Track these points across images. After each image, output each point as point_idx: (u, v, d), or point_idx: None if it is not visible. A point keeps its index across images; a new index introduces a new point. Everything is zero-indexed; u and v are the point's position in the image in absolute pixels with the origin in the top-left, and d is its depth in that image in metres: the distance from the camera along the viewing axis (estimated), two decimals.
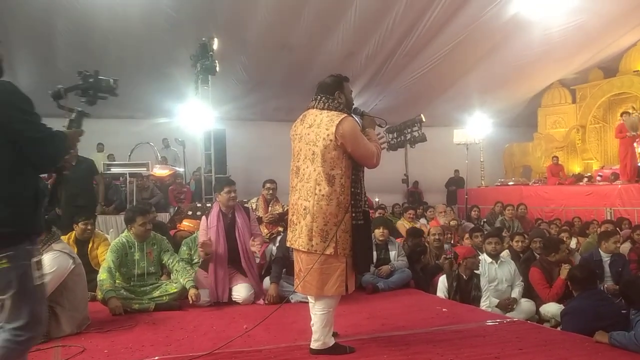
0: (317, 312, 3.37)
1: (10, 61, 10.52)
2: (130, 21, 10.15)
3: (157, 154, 13.24)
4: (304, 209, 3.31)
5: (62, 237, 4.88)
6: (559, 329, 4.77)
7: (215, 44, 9.40)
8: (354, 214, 3.29)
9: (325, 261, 3.28)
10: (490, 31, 12.35)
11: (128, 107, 12.88)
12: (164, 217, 9.44)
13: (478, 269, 5.40)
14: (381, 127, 3.77)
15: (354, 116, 3.48)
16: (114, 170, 10.08)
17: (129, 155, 12.40)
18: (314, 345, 3.38)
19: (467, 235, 7.01)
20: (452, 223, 8.49)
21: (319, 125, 3.30)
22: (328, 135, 3.24)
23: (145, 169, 10.10)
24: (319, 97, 3.44)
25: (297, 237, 3.36)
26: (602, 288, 5.32)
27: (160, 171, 11.72)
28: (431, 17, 11.47)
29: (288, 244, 3.53)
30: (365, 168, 3.42)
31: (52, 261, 3.88)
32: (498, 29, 12.32)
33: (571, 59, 14.50)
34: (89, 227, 5.61)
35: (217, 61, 9.35)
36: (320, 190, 3.25)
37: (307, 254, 3.32)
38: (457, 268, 5.38)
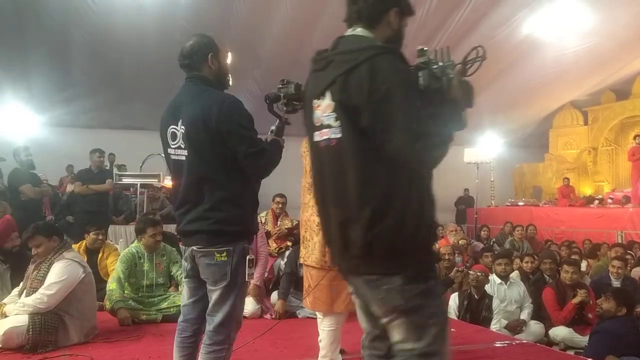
0: (325, 328, 3.36)
1: (26, 70, 10.66)
2: (145, 33, 10.26)
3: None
4: (317, 225, 3.30)
5: (74, 246, 4.93)
6: (568, 352, 4.72)
7: (229, 58, 9.49)
8: None
9: (335, 277, 3.27)
10: (503, 52, 12.35)
11: (141, 118, 12.98)
12: (173, 228, 9.42)
13: (484, 285, 5.36)
14: None
15: None
16: (125, 180, 10.11)
17: (141, 166, 12.45)
18: None
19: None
20: (462, 242, 8.45)
21: None
22: None
23: (156, 180, 10.12)
24: None
25: (310, 254, 3.36)
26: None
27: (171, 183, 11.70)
28: (443, 37, 11.49)
29: (301, 261, 3.53)
30: None
31: (63, 269, 3.91)
32: (511, 49, 12.32)
33: (583, 80, 14.44)
34: (100, 237, 5.64)
35: (230, 75, 9.43)
36: None
37: (317, 270, 3.32)
38: (467, 286, 5.35)
